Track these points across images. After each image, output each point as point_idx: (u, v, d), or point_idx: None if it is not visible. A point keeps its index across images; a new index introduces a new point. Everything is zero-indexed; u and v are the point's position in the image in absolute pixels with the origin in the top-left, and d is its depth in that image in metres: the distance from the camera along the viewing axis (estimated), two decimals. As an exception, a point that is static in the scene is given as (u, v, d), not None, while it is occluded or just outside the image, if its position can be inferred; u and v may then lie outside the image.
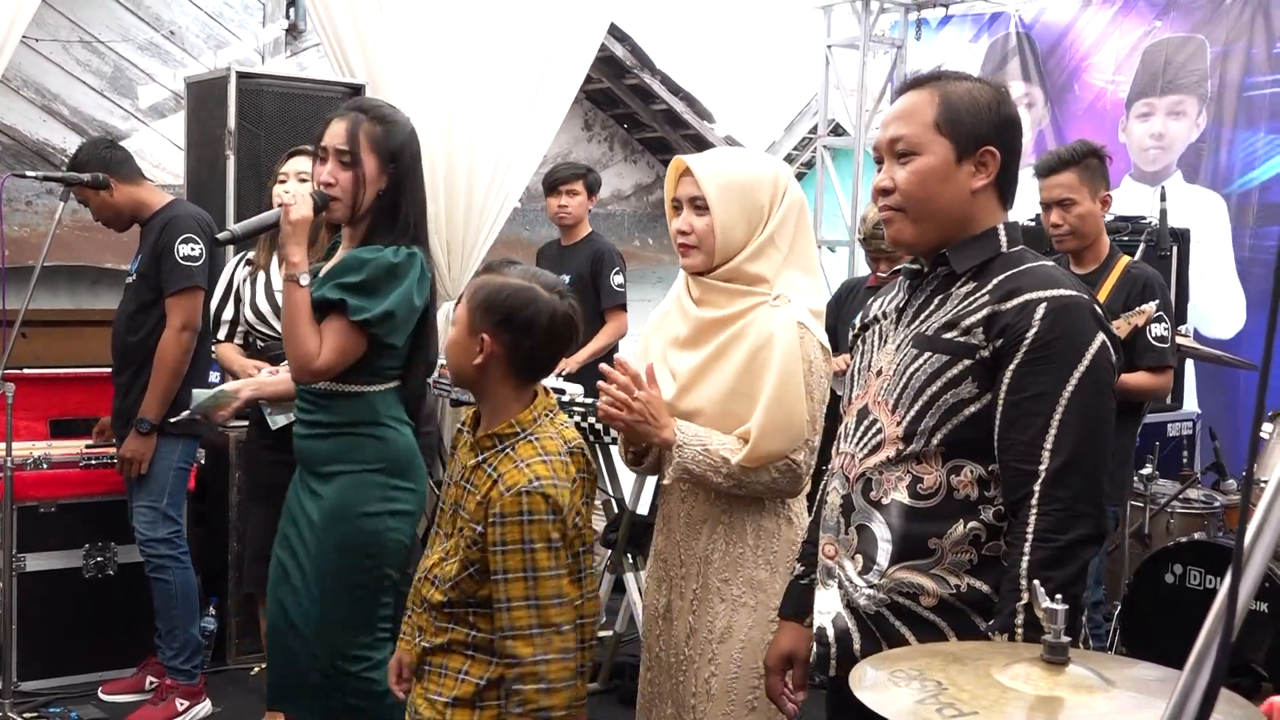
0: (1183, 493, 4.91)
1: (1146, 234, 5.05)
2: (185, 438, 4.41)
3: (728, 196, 2.58)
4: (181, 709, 4.43)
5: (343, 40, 5.62)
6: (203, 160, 5.27)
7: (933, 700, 1.48)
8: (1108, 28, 7.10)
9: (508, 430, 2.39)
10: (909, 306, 2.17)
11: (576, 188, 5.67)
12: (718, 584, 2.61)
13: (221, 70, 5.20)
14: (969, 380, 2.03)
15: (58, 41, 6.06)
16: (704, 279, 2.63)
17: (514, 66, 6.03)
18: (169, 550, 4.38)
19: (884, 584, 2.08)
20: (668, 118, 7.86)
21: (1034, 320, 1.97)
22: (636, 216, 8.07)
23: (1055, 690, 1.50)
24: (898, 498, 2.07)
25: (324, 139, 3.03)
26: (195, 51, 6.45)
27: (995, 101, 2.11)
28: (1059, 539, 1.93)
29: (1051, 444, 1.95)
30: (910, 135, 2.10)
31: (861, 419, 2.17)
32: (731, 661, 2.57)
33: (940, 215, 2.10)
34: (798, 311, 2.55)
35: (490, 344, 2.36)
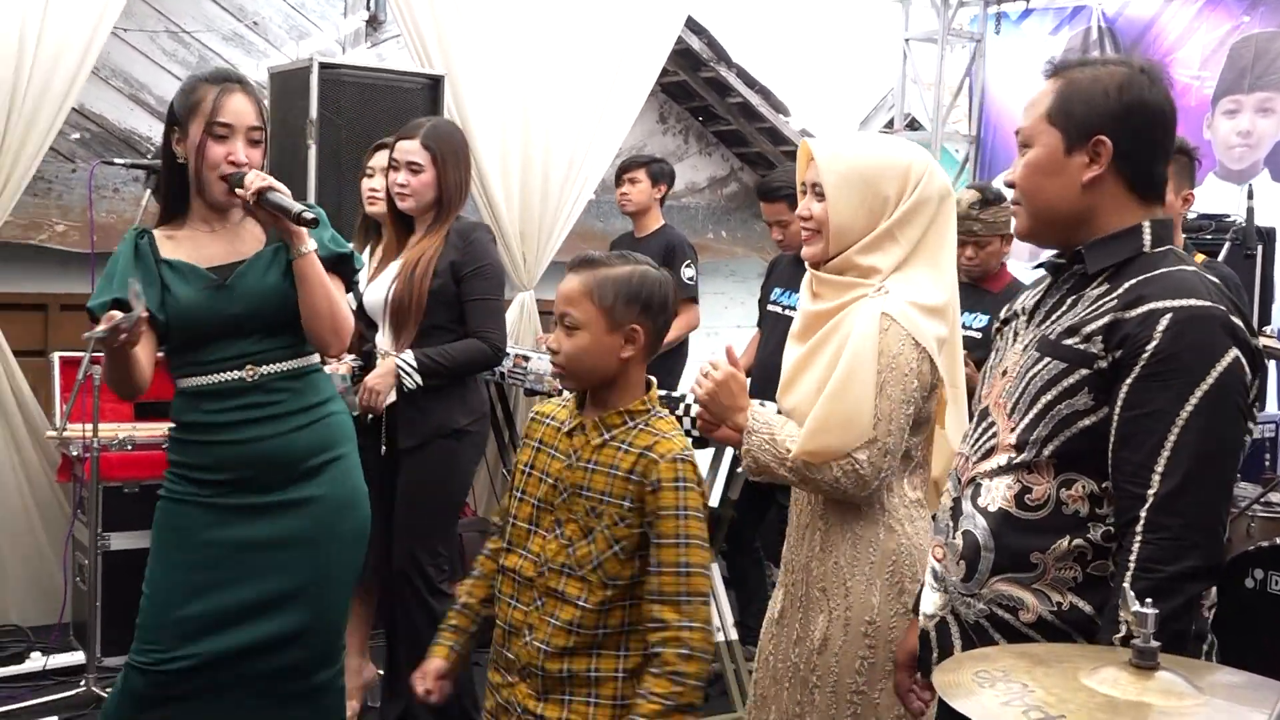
0: (1264, 496, 4.80)
1: (1232, 233, 4.95)
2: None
3: (846, 184, 2.43)
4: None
5: (422, 32, 5.64)
6: (285, 149, 5.31)
7: (1019, 702, 1.46)
8: (1193, 22, 6.96)
9: (640, 408, 2.36)
10: (1042, 305, 2.07)
11: (638, 175, 5.66)
12: (816, 594, 2.50)
13: (304, 61, 5.24)
14: (1085, 391, 1.90)
15: (145, 32, 6.16)
16: (818, 271, 2.52)
17: (591, 59, 6.03)
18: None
19: (984, 594, 2.00)
20: (743, 111, 7.82)
21: (1156, 332, 1.83)
22: (710, 209, 8.04)
23: (1144, 696, 1.47)
24: (1004, 507, 1.97)
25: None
26: (278, 42, 6.51)
27: (1119, 88, 1.95)
28: (1163, 570, 1.78)
29: (1164, 466, 1.81)
30: (1027, 127, 2.03)
31: (981, 420, 2.09)
32: (830, 674, 2.46)
33: (1052, 209, 2.01)
34: (891, 303, 2.38)
35: (641, 333, 2.33)
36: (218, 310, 2.83)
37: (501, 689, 2.42)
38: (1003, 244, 4.64)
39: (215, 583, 2.85)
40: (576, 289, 2.34)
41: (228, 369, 2.85)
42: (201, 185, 2.86)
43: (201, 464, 2.88)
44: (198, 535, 2.86)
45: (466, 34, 5.68)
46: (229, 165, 2.81)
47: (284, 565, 2.90)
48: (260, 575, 2.88)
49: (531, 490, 2.42)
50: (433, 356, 3.61)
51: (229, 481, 2.87)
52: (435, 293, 3.61)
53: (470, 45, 5.69)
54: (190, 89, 2.87)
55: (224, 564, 2.86)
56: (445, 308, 3.64)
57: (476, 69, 5.70)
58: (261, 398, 2.87)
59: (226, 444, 2.86)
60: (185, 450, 2.90)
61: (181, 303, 2.82)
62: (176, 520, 2.88)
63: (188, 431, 2.90)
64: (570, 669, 2.32)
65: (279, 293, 2.88)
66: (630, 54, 6.19)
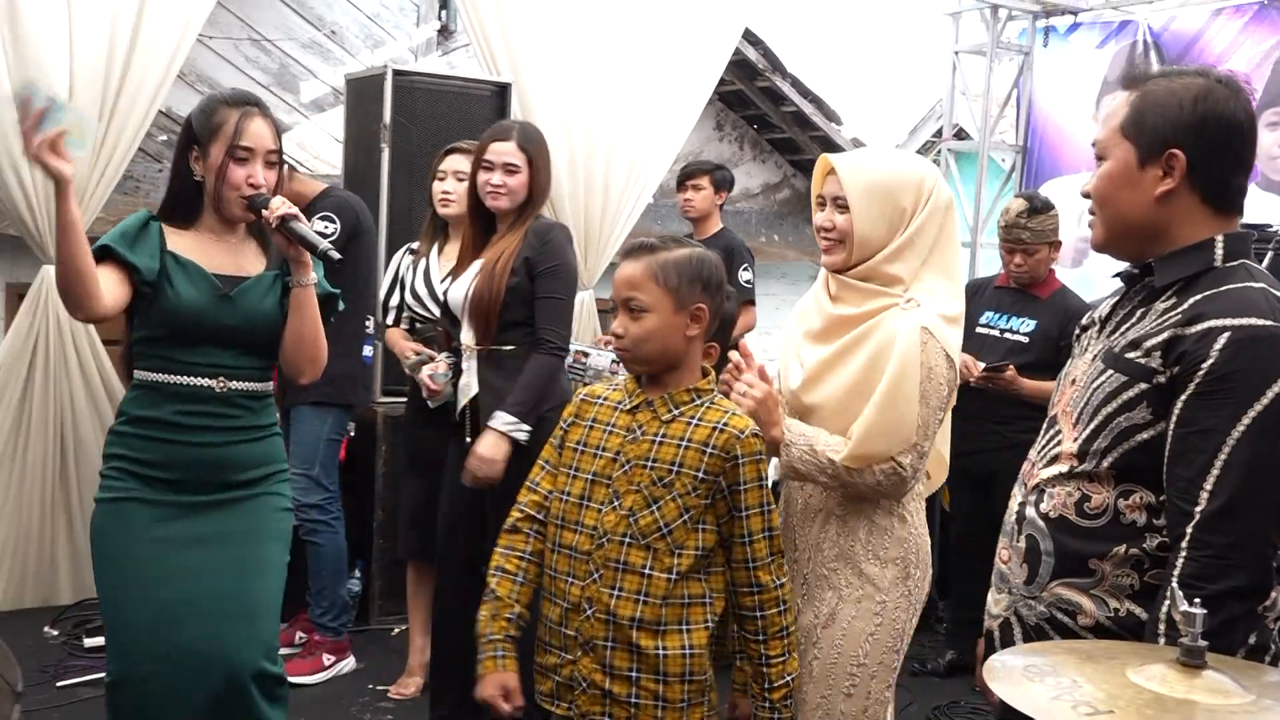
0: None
1: (1275, 242, 4.86)
2: (335, 409, 4.50)
3: (869, 197, 2.50)
4: (328, 664, 4.53)
5: (490, 41, 5.66)
6: (359, 152, 5.35)
7: (1068, 697, 1.43)
8: (1238, 36, 6.83)
9: (705, 386, 2.37)
10: (1114, 316, 2.02)
11: (701, 183, 5.64)
12: (825, 572, 2.57)
13: (378, 68, 5.28)
14: (1144, 405, 1.85)
15: (229, 39, 6.22)
16: (841, 276, 2.57)
17: (651, 68, 6.03)
18: (320, 515, 4.47)
19: (1044, 597, 1.97)
20: (796, 119, 7.79)
21: (1213, 350, 1.77)
22: (763, 214, 8.01)
23: (1191, 694, 1.44)
24: (1065, 514, 1.94)
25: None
26: (354, 50, 6.56)
27: (1195, 100, 1.87)
28: (1205, 587, 1.71)
29: (1212, 485, 1.75)
30: (1102, 139, 1.97)
31: (1050, 427, 2.05)
32: (833, 647, 2.53)
33: (1126, 220, 1.95)
34: (925, 316, 2.45)
35: (706, 312, 2.33)
36: (216, 318, 2.81)
37: (561, 668, 2.37)
38: (1050, 251, 4.59)
39: (164, 578, 2.80)
40: (640, 273, 2.32)
41: (201, 375, 2.82)
42: (220, 202, 2.85)
43: (150, 460, 2.82)
44: (146, 532, 2.81)
45: (533, 43, 5.70)
46: (249, 187, 2.82)
47: (218, 560, 2.85)
48: (199, 570, 2.83)
49: (585, 466, 2.39)
50: (521, 402, 3.59)
51: (173, 481, 2.82)
52: (513, 290, 3.60)
53: (536, 54, 5.71)
54: (211, 111, 2.84)
55: (169, 559, 2.81)
56: (523, 304, 3.64)
57: (542, 77, 5.71)
58: (223, 409, 2.85)
59: (181, 444, 2.81)
60: (133, 445, 2.83)
61: (184, 300, 2.80)
62: (124, 520, 2.82)
63: (143, 426, 2.83)
64: (638, 643, 2.29)
65: (272, 317, 2.89)
66: (689, 64, 6.18)
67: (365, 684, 4.49)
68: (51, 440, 4.97)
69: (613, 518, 2.32)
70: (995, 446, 4.43)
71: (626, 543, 2.30)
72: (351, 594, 4.78)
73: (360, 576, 5.04)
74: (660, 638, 2.29)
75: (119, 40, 4.82)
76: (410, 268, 4.26)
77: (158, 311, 2.80)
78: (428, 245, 4.22)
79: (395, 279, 4.34)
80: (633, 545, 2.30)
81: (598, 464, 2.37)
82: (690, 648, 2.31)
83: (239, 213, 2.85)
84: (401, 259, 4.37)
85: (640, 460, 2.32)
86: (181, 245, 2.85)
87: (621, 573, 2.30)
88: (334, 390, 4.45)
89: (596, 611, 2.31)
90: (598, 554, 2.33)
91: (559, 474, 2.45)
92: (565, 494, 2.41)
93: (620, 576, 2.30)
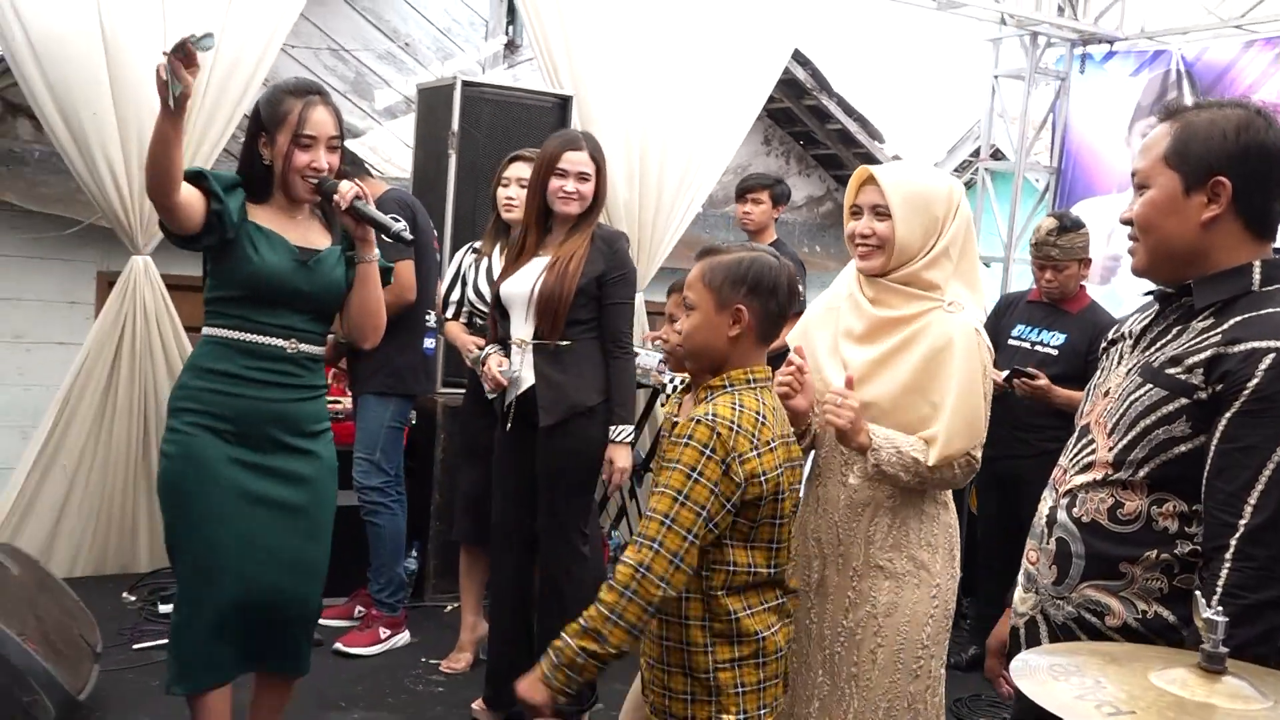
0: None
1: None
2: (396, 398, 4.53)
3: (909, 206, 2.54)
4: (384, 637, 4.56)
5: (554, 56, 5.67)
6: (428, 157, 5.39)
7: (1091, 697, 1.42)
8: (1270, 67, 6.73)
9: (719, 383, 2.32)
10: (1148, 332, 2.00)
11: (761, 196, 5.61)
12: (881, 561, 2.57)
13: (448, 79, 5.30)
14: (1183, 419, 1.83)
15: (310, 49, 6.28)
16: (880, 280, 2.59)
17: (705, 84, 6.02)
18: (380, 498, 4.50)
19: (1073, 598, 1.95)
20: (841, 137, 7.75)
21: (1258, 370, 1.75)
22: (807, 226, 7.99)
23: (1211, 698, 1.43)
24: (1098, 519, 1.92)
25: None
26: (426, 61, 6.60)
27: (1237, 129, 1.86)
28: (1247, 597, 1.71)
29: (1257, 499, 1.73)
30: (1144, 169, 1.94)
31: (1082, 436, 2.03)
32: (898, 634, 2.53)
33: (1169, 246, 1.92)
34: (973, 318, 2.52)
35: (746, 313, 2.29)
36: (294, 283, 2.89)
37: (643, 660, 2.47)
38: (1080, 268, 4.54)
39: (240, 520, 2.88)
40: (694, 274, 2.35)
41: (274, 335, 2.89)
42: (287, 185, 2.92)
43: (218, 412, 2.86)
44: (221, 475, 2.86)
45: (594, 59, 5.71)
46: (312, 171, 2.89)
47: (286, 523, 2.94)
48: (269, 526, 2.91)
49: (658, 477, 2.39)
50: (623, 407, 3.75)
51: (238, 434, 2.87)
52: (581, 290, 3.64)
53: (597, 70, 5.72)
54: (277, 100, 2.89)
55: (243, 507, 2.88)
56: (586, 305, 3.68)
57: (601, 91, 5.72)
58: (289, 368, 2.92)
59: (248, 398, 2.87)
60: (204, 397, 2.86)
61: (268, 265, 2.86)
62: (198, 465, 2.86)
63: (213, 379, 2.87)
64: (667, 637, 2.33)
65: (339, 287, 2.99)
66: (741, 82, 6.17)
67: (419, 657, 4.52)
68: (136, 418, 5.05)
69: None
70: (1023, 453, 4.40)
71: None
72: (408, 572, 4.82)
73: (417, 556, 5.07)
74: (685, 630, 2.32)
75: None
76: (473, 266, 4.28)
77: (239, 272, 2.87)
78: (490, 245, 4.24)
79: (457, 276, 4.36)
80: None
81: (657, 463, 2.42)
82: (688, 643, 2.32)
83: (305, 194, 2.94)
84: (464, 257, 4.39)
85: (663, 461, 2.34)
86: (259, 218, 2.93)
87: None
88: (396, 380, 4.49)
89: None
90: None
91: None
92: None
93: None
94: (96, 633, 3.97)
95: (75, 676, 3.49)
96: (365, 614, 4.65)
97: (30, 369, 5.65)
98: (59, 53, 4.63)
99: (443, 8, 6.63)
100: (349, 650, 4.49)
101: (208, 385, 2.88)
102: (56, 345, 5.67)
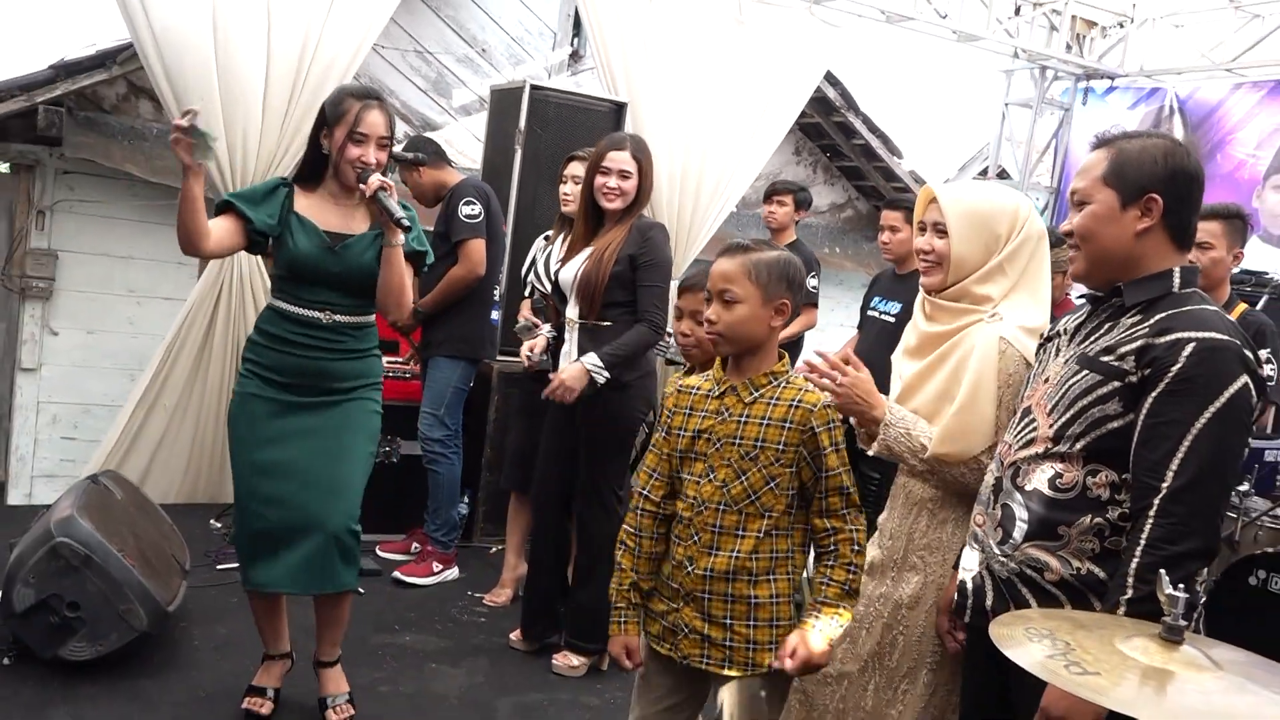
0: (1273, 510, 4.58)
1: (1271, 287, 4.71)
2: (465, 362, 4.57)
3: (967, 224, 2.37)
4: (436, 570, 4.60)
5: (613, 67, 5.66)
6: (497, 152, 5.39)
7: (1061, 657, 1.42)
8: (1254, 108, 6.62)
9: (781, 369, 2.34)
10: (1083, 328, 2.05)
11: (785, 199, 5.60)
12: (915, 560, 2.44)
13: (518, 82, 5.30)
14: (1115, 399, 1.89)
15: (398, 50, 6.28)
16: (935, 298, 2.44)
17: (744, 98, 6.00)
18: (442, 449, 4.54)
19: (1016, 556, 1.99)
20: (864, 151, 7.68)
21: (1181, 357, 1.82)
22: (829, 229, 7.92)
23: (1168, 665, 1.42)
24: (1039, 487, 1.97)
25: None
26: (499, 65, 6.59)
27: (1165, 155, 1.94)
28: (1168, 549, 1.77)
29: (1177, 465, 1.79)
30: (1084, 187, 2.00)
31: (1024, 416, 2.07)
32: (917, 626, 2.41)
33: (1107, 253, 1.98)
34: (1005, 328, 2.33)
35: (789, 307, 2.32)
36: (323, 266, 3.00)
37: (668, 614, 2.37)
38: (1064, 279, 4.49)
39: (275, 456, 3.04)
40: (736, 269, 2.30)
41: (313, 308, 3.03)
42: (338, 172, 3.03)
43: (272, 366, 3.04)
44: (263, 420, 3.05)
45: (647, 71, 5.70)
46: (361, 164, 2.97)
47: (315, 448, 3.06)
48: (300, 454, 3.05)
49: (685, 446, 2.36)
50: (611, 353, 3.64)
51: (284, 383, 3.04)
52: (616, 276, 3.63)
53: (650, 80, 5.71)
54: (339, 100, 3.01)
55: (280, 442, 3.04)
56: (622, 288, 3.67)
57: (653, 99, 5.71)
58: (328, 334, 3.05)
59: (293, 356, 3.03)
60: (261, 353, 3.06)
61: (300, 249, 2.99)
62: (248, 411, 3.06)
63: (269, 340, 3.06)
64: (732, 593, 2.28)
65: (368, 268, 3.04)
66: (777, 98, 6.14)
67: (465, 591, 4.56)
68: (229, 365, 5.11)
69: (709, 488, 2.30)
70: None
71: (721, 509, 2.29)
72: (460, 516, 4.86)
73: (468, 502, 5.10)
74: (752, 587, 2.28)
75: (308, 45, 4.90)
76: (543, 251, 4.30)
77: (282, 257, 3.04)
78: (556, 234, 4.26)
79: (531, 261, 4.40)
80: (726, 511, 2.28)
81: (696, 444, 2.35)
82: (776, 596, 2.29)
83: (351, 183, 3.03)
84: (537, 244, 4.43)
85: (729, 438, 2.29)
86: (304, 206, 3.05)
87: (718, 534, 2.29)
88: (466, 346, 4.54)
89: (696, 568, 2.30)
90: (696, 519, 2.31)
91: (670, 456, 2.41)
92: (678, 472, 2.39)
93: (717, 538, 2.29)
94: (186, 553, 4.03)
95: (166, 590, 3.55)
96: (421, 550, 4.69)
97: (140, 319, 5.71)
98: (177, 42, 4.67)
99: (516, 18, 6.61)
100: (405, 579, 4.53)
101: (264, 343, 3.07)
102: (163, 300, 5.72)
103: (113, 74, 5.39)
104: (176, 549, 3.97)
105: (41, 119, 5.28)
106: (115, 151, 5.43)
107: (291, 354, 3.04)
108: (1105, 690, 1.35)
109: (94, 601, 3.31)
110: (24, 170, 5.49)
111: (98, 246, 5.62)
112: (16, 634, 3.36)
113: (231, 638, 3.80)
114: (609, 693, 3.76)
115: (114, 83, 5.50)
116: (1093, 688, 1.35)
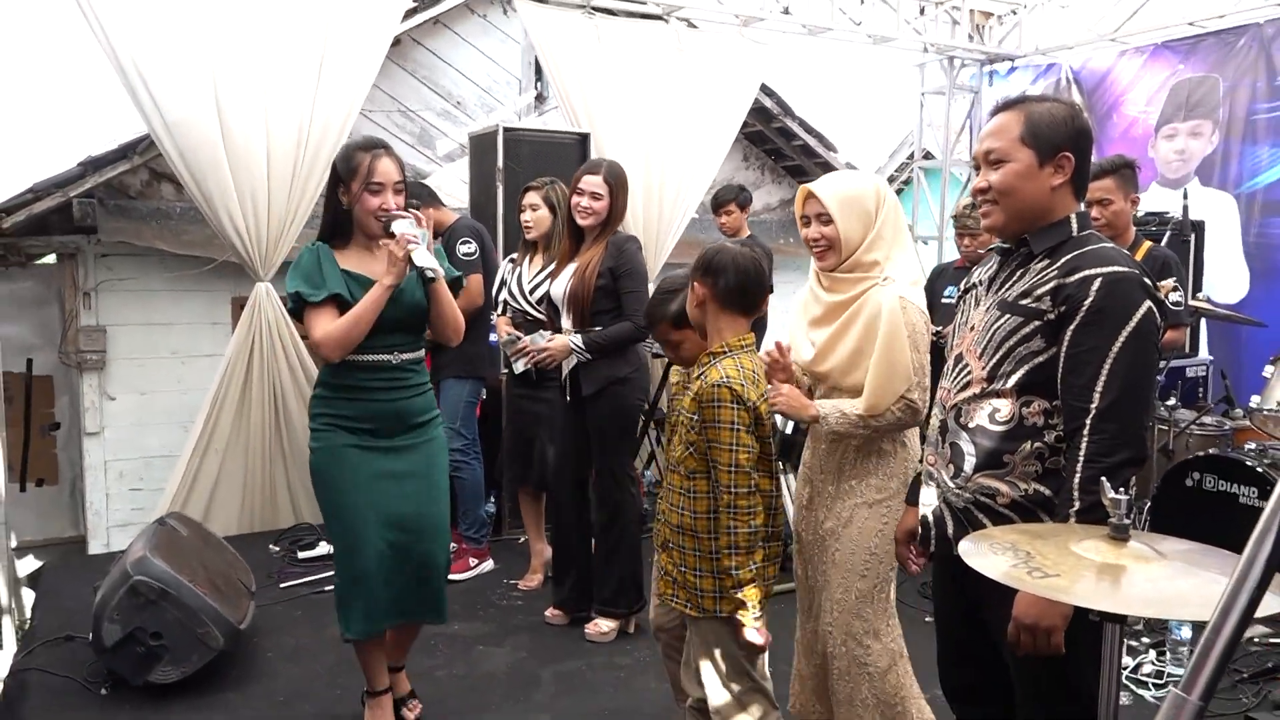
0: (1199, 419, 4.59)
1: (1171, 225, 4.71)
2: (471, 379, 4.54)
3: (846, 209, 2.45)
4: (473, 565, 4.58)
5: (574, 103, 5.65)
6: (480, 190, 5.37)
7: (1024, 565, 1.41)
8: (1140, 71, 6.62)
9: (718, 349, 2.39)
10: (997, 278, 2.04)
11: (730, 208, 5.54)
12: (845, 488, 2.53)
13: (492, 126, 5.28)
14: (1038, 337, 1.88)
15: (383, 111, 6.26)
16: (833, 273, 2.51)
17: (692, 116, 5.98)
18: (462, 457, 4.51)
19: (969, 487, 1.98)
20: (803, 150, 7.68)
21: (1091, 291, 1.81)
22: (781, 223, 7.92)
23: (1120, 559, 1.42)
24: (981, 423, 1.95)
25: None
26: (474, 114, 6.57)
27: (1070, 116, 1.94)
28: (1105, 460, 1.76)
29: (1102, 386, 1.78)
30: (1000, 147, 1.95)
31: (958, 363, 2.05)
32: (850, 541, 2.50)
33: (1025, 207, 1.95)
34: (900, 288, 2.41)
35: (698, 288, 2.39)
36: (388, 314, 2.79)
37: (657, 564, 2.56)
38: (974, 241, 4.48)
39: (375, 500, 2.85)
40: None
41: (382, 352, 2.83)
42: (364, 224, 2.84)
43: (353, 415, 2.83)
44: (358, 467, 2.84)
45: (605, 103, 5.68)
46: (383, 211, 2.80)
47: (411, 491, 2.89)
48: (398, 497, 2.87)
49: (673, 420, 2.52)
50: (594, 338, 3.67)
51: (369, 429, 2.84)
52: (600, 288, 3.64)
53: (608, 110, 5.69)
54: (349, 156, 2.82)
55: (376, 486, 2.85)
56: (607, 297, 3.67)
57: (612, 127, 5.69)
58: (397, 373, 2.86)
59: (374, 401, 2.83)
60: (338, 405, 2.84)
61: None
62: (339, 460, 2.85)
63: (341, 392, 2.85)
64: (684, 544, 2.42)
65: (422, 305, 2.88)
66: (720, 112, 6.12)
67: (501, 579, 4.54)
68: (268, 406, 5.07)
69: (673, 452, 2.45)
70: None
71: (671, 469, 2.44)
72: (488, 514, 4.83)
73: (494, 501, 5.08)
74: (696, 540, 2.39)
75: (303, 117, 4.88)
76: (512, 272, 4.27)
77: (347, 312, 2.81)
78: (522, 257, 4.25)
79: (502, 281, 4.36)
80: (673, 471, 2.44)
81: (672, 416, 2.52)
82: (716, 551, 2.36)
83: (379, 232, 2.83)
84: (504, 266, 4.39)
85: (677, 410, 2.45)
86: (348, 262, 2.85)
87: (673, 492, 2.44)
88: (469, 366, 4.50)
89: (669, 520, 2.45)
90: (667, 478, 2.47)
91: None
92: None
93: (672, 495, 2.45)
94: (250, 576, 4.00)
95: (236, 611, 3.52)
96: (457, 548, 4.66)
97: (185, 377, 5.69)
98: (188, 130, 4.64)
99: (485, 71, 6.60)
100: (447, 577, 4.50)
101: (338, 395, 2.85)
102: (204, 357, 5.70)
103: (134, 163, 5.37)
104: (241, 574, 3.94)
105: (77, 211, 5.26)
106: (145, 231, 5.41)
107: (371, 400, 2.83)
108: (1066, 589, 1.34)
109: (174, 629, 3.29)
110: (67, 258, 5.47)
111: (141, 317, 5.60)
112: (109, 666, 3.33)
113: (300, 647, 3.77)
114: (638, 652, 3.75)
115: (137, 171, 5.48)
116: (1055, 588, 1.34)
